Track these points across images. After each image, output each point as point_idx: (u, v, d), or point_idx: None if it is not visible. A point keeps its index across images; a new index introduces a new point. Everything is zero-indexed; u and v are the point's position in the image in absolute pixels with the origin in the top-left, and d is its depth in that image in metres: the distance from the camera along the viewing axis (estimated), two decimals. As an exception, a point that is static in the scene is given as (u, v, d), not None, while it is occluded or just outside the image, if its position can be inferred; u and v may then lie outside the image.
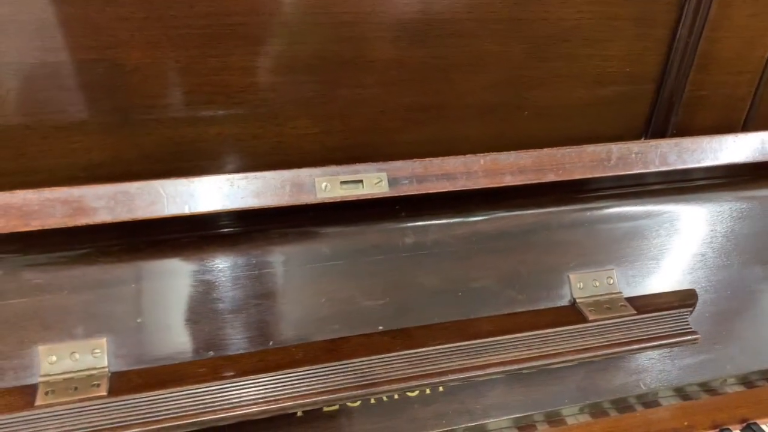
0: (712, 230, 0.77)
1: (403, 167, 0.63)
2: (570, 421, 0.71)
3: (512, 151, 0.66)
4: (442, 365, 0.63)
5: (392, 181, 0.63)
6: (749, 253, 0.78)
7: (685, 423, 0.78)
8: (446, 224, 0.70)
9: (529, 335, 0.66)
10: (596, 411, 0.73)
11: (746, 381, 0.78)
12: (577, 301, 0.71)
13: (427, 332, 0.66)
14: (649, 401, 0.74)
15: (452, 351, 0.64)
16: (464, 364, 0.63)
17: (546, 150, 0.66)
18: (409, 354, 0.63)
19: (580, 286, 0.72)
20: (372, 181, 0.62)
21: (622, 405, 0.73)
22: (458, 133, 0.71)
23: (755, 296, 0.77)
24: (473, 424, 0.67)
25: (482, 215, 0.71)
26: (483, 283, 0.70)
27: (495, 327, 0.67)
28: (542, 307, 0.71)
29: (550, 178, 0.67)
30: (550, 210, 0.73)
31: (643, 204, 0.75)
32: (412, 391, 0.66)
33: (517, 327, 0.67)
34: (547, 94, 0.71)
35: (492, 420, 0.68)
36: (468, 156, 0.65)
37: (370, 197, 0.62)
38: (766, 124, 0.79)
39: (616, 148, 0.68)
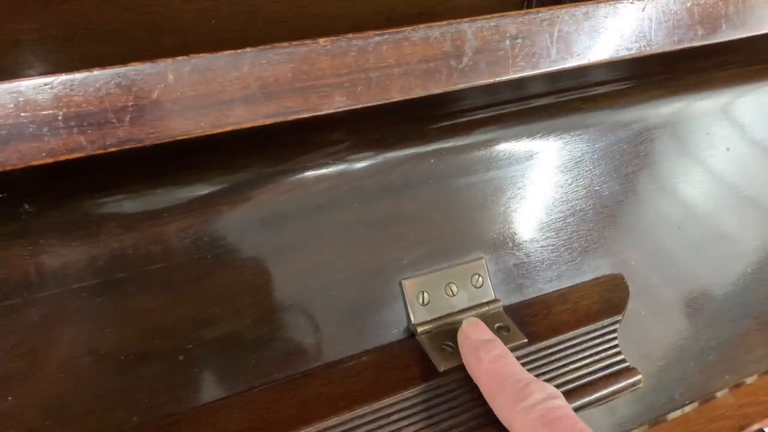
0: (634, 162, 0.45)
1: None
2: None
3: (246, 50, 0.29)
4: None
5: None
6: (717, 199, 0.47)
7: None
8: (134, 213, 0.33)
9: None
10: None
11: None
12: (419, 330, 0.37)
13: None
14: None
15: None
16: None
17: (324, 42, 0.30)
18: None
19: (423, 299, 0.38)
20: None
21: None
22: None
23: (713, 273, 0.47)
24: None
25: (211, 185, 0.34)
26: (230, 324, 0.34)
27: (247, 419, 0.33)
28: (350, 352, 0.36)
29: (338, 104, 0.30)
30: (356, 165, 0.37)
31: (527, 133, 0.41)
32: None
33: (294, 408, 0.33)
34: None
35: None
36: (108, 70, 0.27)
37: None
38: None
39: (471, 31, 0.32)
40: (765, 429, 0.55)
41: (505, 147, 0.41)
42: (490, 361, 0.33)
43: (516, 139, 0.41)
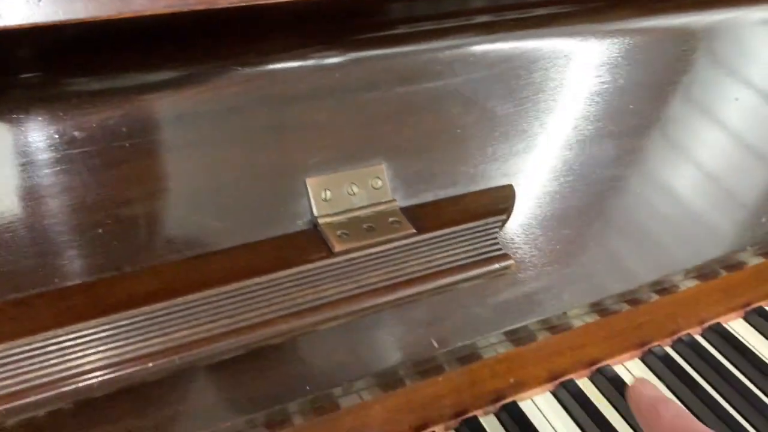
0: (529, 87, 0.49)
1: None
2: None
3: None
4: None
5: None
6: (601, 120, 0.52)
7: (511, 380, 0.54)
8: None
9: (216, 294, 0.37)
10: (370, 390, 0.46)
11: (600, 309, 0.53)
12: (320, 222, 0.42)
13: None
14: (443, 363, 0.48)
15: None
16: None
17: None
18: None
19: (325, 196, 0.43)
20: None
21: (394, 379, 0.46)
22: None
23: (609, 187, 0.52)
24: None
25: (131, 80, 0.39)
26: (144, 206, 0.39)
27: (155, 285, 0.37)
28: (257, 238, 0.41)
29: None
30: (265, 71, 0.42)
31: (431, 52, 0.46)
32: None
33: (198, 277, 0.38)
34: None
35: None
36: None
37: None
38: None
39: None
40: (664, 347, 0.60)
41: (411, 64, 0.45)
42: (672, 418, 0.36)
43: (421, 57, 0.45)
